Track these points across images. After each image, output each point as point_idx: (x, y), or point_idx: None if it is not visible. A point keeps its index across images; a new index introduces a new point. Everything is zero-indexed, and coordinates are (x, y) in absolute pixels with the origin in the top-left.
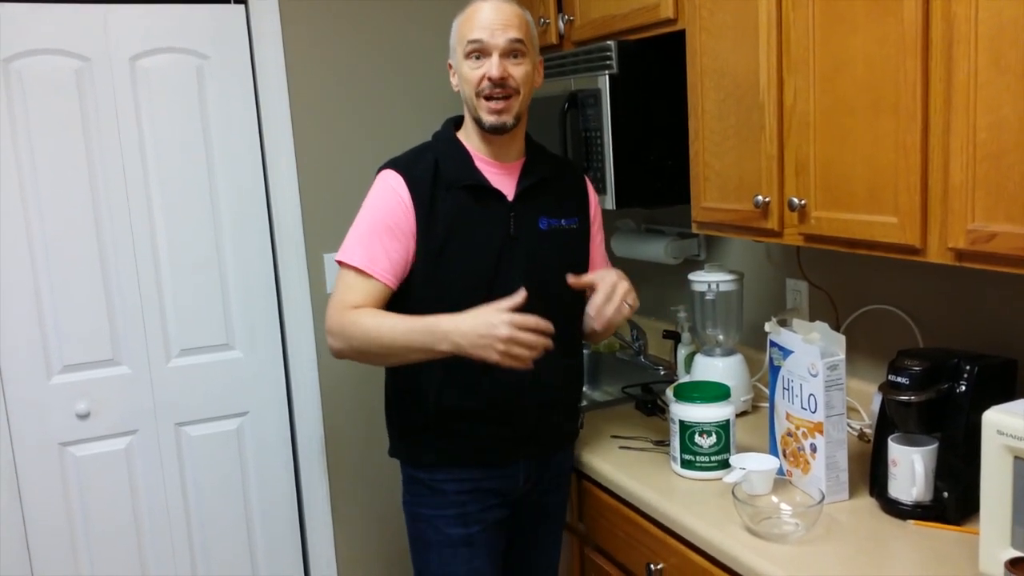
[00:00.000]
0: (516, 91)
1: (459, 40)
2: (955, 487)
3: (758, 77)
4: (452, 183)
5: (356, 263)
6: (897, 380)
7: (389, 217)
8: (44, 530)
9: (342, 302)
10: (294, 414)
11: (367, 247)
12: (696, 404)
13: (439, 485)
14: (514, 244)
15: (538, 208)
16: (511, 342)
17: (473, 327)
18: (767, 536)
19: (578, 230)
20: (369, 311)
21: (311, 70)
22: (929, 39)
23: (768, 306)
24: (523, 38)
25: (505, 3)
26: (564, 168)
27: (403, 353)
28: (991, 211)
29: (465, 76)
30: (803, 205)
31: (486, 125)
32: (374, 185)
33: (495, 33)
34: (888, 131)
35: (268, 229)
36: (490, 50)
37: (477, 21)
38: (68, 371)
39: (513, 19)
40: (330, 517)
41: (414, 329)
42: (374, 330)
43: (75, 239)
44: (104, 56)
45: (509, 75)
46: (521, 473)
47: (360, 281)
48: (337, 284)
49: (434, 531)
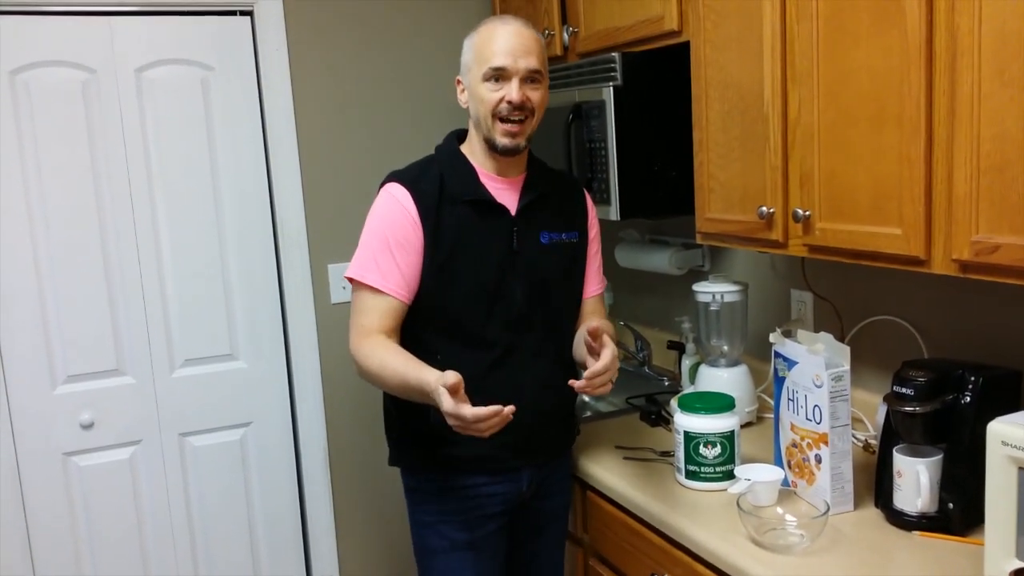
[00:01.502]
0: (531, 113)
1: (477, 61)
2: (960, 498)
3: (762, 89)
4: (457, 198)
5: (371, 282)
6: (902, 391)
7: (399, 231)
8: (48, 540)
9: (361, 327)
10: (298, 424)
11: (380, 264)
12: (701, 415)
13: (441, 492)
14: (516, 258)
15: (539, 222)
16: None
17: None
18: (772, 547)
19: (578, 244)
20: (380, 346)
21: (316, 81)
22: (933, 51)
23: (773, 317)
24: (541, 67)
25: (524, 27)
26: (564, 183)
27: (404, 395)
28: (995, 223)
29: (482, 97)
30: (807, 216)
31: (499, 147)
32: (379, 198)
33: (518, 60)
34: (892, 143)
35: (272, 239)
36: (511, 76)
37: (499, 46)
38: (72, 381)
39: (533, 46)
40: (333, 527)
41: (408, 378)
42: (377, 368)
43: (80, 249)
44: (110, 67)
45: (527, 99)
46: (524, 479)
47: (376, 300)
48: (354, 304)
49: (438, 536)
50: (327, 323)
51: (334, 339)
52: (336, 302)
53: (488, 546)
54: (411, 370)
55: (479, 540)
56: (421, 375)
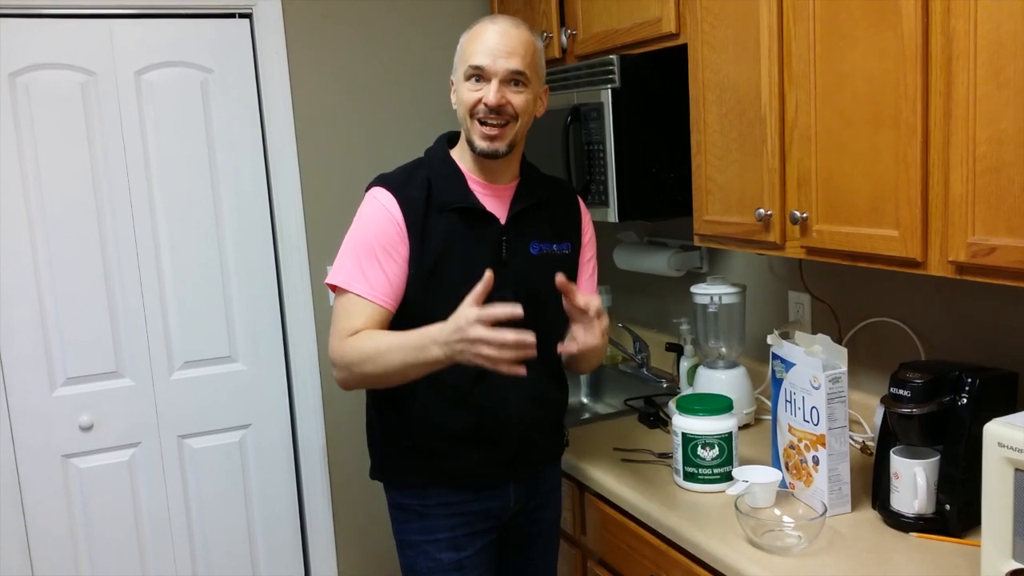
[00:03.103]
0: (514, 118)
1: (461, 60)
2: (957, 499)
3: (760, 91)
4: (445, 205)
5: (358, 291)
6: (899, 393)
7: (384, 237)
8: (47, 542)
9: (343, 331)
10: (296, 426)
11: (367, 271)
12: (699, 416)
13: (428, 510)
14: (504, 269)
15: (530, 233)
16: (480, 343)
17: (447, 332)
18: (770, 549)
19: (569, 255)
20: (366, 333)
21: (315, 83)
22: (929, 53)
23: (770, 318)
24: (525, 69)
25: (514, 27)
26: (559, 191)
27: (402, 370)
28: (991, 224)
29: (461, 97)
30: (805, 218)
31: (477, 149)
32: (365, 203)
33: (497, 60)
34: (889, 144)
35: (271, 241)
36: (490, 76)
37: (481, 44)
38: (71, 383)
39: (519, 47)
40: (332, 529)
41: (408, 343)
42: (372, 351)
43: (79, 251)
44: (109, 70)
45: (507, 102)
46: (511, 494)
47: (362, 306)
48: (336, 312)
49: (424, 558)
50: (326, 325)
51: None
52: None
53: (477, 565)
54: (411, 334)
55: (467, 560)
56: (423, 330)
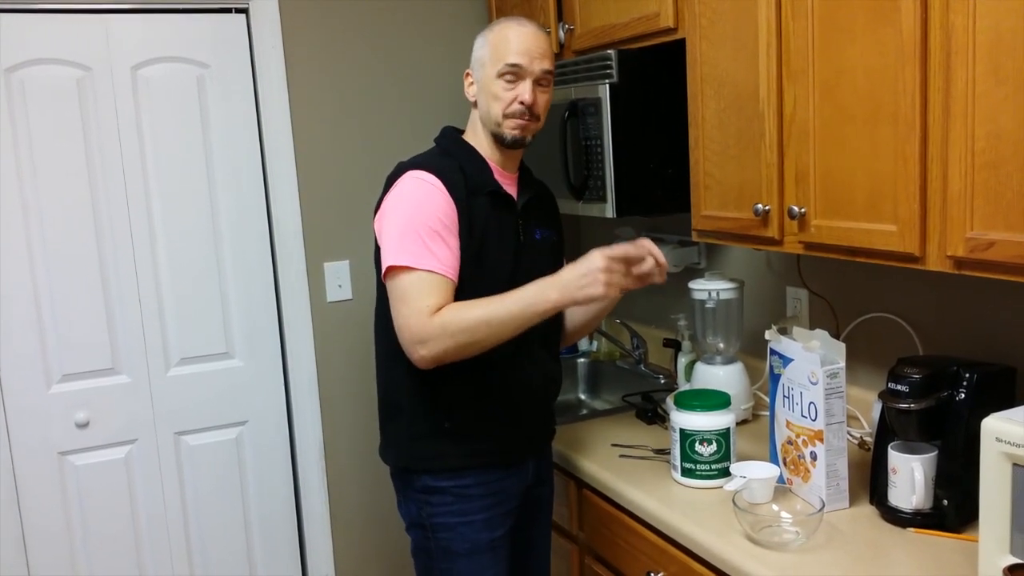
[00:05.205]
0: (538, 118)
1: (493, 58)
2: (955, 494)
3: (758, 86)
4: (479, 189)
5: (428, 266)
6: (897, 388)
7: (444, 215)
8: (43, 539)
9: (424, 309)
10: (293, 423)
11: (431, 248)
12: (696, 412)
13: (465, 491)
14: (522, 250)
15: (534, 219)
16: (609, 271)
17: (576, 270)
18: (767, 544)
19: (558, 242)
20: (461, 305)
21: (312, 79)
22: (928, 49)
23: (768, 314)
24: (552, 70)
25: (540, 31)
26: (543, 186)
27: (513, 329)
28: (990, 219)
29: (495, 94)
30: (803, 213)
31: (508, 138)
32: (409, 185)
33: (533, 61)
34: (887, 140)
35: (268, 238)
36: (526, 76)
37: (517, 45)
38: (67, 380)
39: (547, 50)
40: (329, 526)
41: (522, 299)
42: (484, 315)
43: (75, 248)
44: (105, 65)
45: (536, 102)
46: (530, 470)
47: (432, 282)
48: (406, 291)
49: (460, 540)
50: (323, 322)
51: (330, 338)
52: (332, 300)
53: (505, 544)
54: (517, 291)
55: (499, 541)
56: (535, 284)
